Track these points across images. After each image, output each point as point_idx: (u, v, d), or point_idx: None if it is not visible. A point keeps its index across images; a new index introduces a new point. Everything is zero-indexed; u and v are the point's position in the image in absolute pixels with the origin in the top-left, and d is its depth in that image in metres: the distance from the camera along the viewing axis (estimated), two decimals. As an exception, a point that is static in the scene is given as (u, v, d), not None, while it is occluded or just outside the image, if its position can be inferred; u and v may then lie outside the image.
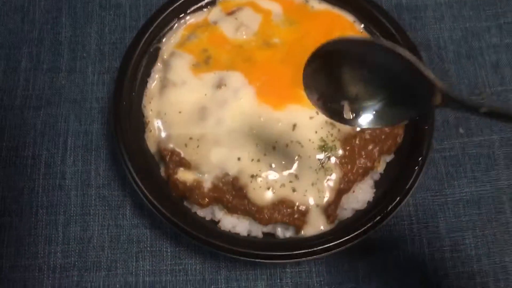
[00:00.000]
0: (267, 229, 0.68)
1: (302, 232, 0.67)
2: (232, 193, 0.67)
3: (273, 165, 0.68)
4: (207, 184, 0.68)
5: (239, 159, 0.68)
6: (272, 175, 0.68)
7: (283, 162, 0.68)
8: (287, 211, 0.66)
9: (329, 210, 0.67)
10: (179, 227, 0.65)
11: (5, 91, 0.80)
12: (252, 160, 0.68)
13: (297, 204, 0.67)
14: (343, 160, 0.69)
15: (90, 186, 0.74)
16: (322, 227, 0.67)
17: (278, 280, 0.70)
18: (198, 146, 0.69)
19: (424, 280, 0.69)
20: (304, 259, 0.64)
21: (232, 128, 0.70)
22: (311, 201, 0.67)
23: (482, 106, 0.42)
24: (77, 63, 0.82)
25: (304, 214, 0.67)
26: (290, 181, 0.68)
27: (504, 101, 0.80)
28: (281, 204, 0.67)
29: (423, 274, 0.70)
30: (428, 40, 0.84)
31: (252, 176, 0.67)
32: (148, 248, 0.71)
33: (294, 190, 0.67)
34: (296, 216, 0.66)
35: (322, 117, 0.68)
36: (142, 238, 0.71)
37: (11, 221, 0.72)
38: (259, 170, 0.67)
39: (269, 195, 0.67)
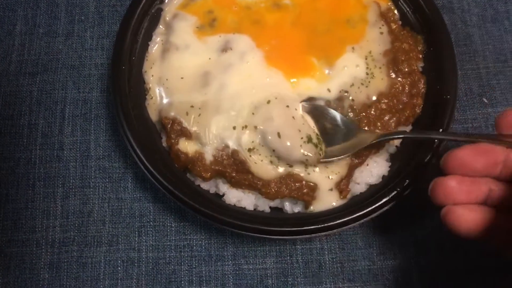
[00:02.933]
0: (275, 203, 0.64)
1: (312, 207, 0.63)
2: (234, 168, 0.63)
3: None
4: (208, 156, 0.64)
5: (234, 128, 0.64)
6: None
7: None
8: (295, 185, 0.62)
9: (341, 184, 0.63)
10: (182, 201, 0.62)
11: (-1, 56, 0.76)
12: (242, 128, 0.64)
13: (305, 178, 0.63)
14: (357, 131, 0.64)
15: (90, 157, 0.71)
16: (333, 203, 0.63)
17: (288, 257, 0.66)
18: (199, 115, 0.65)
19: (443, 259, 0.66)
20: (315, 235, 0.60)
21: (235, 93, 0.65)
22: (321, 175, 0.63)
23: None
24: (74, 26, 0.78)
25: (313, 189, 0.63)
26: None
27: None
28: (289, 178, 0.63)
29: (442, 253, 0.66)
30: (451, 3, 0.79)
31: (249, 150, 0.63)
32: (151, 223, 0.68)
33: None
34: (305, 191, 0.62)
35: (335, 92, 0.66)
36: (145, 212, 0.68)
37: (7, 193, 0.69)
38: (252, 142, 0.63)
39: (273, 169, 0.63)
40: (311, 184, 0.63)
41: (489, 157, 0.51)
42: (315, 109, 0.65)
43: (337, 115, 0.65)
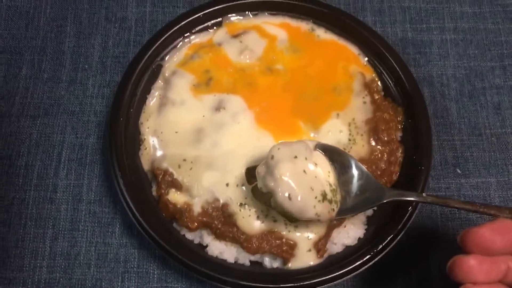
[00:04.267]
0: (255, 257, 0.67)
1: (290, 264, 0.66)
2: (221, 220, 0.67)
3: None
4: (196, 208, 0.67)
5: (227, 185, 0.67)
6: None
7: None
8: (276, 242, 0.66)
9: (319, 244, 0.66)
10: (166, 251, 0.65)
11: (3, 97, 0.79)
12: (237, 185, 0.67)
13: (285, 236, 0.66)
14: (336, 195, 0.68)
15: (81, 201, 0.73)
16: (311, 262, 0.66)
17: (264, 311, 0.69)
18: (191, 169, 0.69)
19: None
20: (291, 293, 0.63)
21: (226, 152, 0.69)
22: (301, 235, 0.66)
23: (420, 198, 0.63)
24: (78, 74, 0.82)
25: (292, 247, 0.66)
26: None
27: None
28: (270, 234, 0.66)
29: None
30: (431, 76, 0.84)
31: (241, 205, 0.66)
32: (134, 269, 0.70)
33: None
34: (284, 248, 0.66)
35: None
36: (130, 258, 0.70)
37: (-2, 231, 0.71)
38: (245, 198, 0.67)
39: (258, 225, 0.66)
40: (291, 242, 0.66)
41: (509, 236, 0.51)
42: (331, 151, 0.64)
43: (353, 161, 0.64)
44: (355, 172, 0.64)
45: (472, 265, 0.50)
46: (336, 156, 0.64)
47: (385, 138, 0.72)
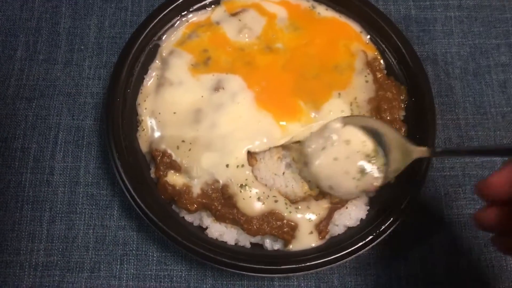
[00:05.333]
0: (255, 239, 0.66)
1: (291, 246, 0.65)
2: (221, 201, 0.66)
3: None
4: (196, 190, 0.66)
5: (227, 166, 0.66)
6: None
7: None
8: (277, 223, 0.64)
9: (321, 226, 0.65)
10: (165, 233, 0.63)
11: (-2, 79, 0.78)
12: (238, 166, 0.66)
13: (286, 218, 0.65)
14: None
15: (79, 183, 0.72)
16: (312, 244, 0.65)
17: (266, 293, 0.68)
18: (190, 150, 0.67)
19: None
20: (291, 274, 0.62)
21: (226, 133, 0.67)
22: (302, 216, 0.65)
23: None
24: (74, 55, 0.80)
25: (294, 228, 0.65)
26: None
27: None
28: (271, 216, 0.65)
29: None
30: (435, 55, 0.82)
31: (241, 186, 0.65)
32: (133, 252, 0.69)
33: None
34: (285, 229, 0.64)
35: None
36: (128, 240, 0.70)
37: (-5, 214, 0.70)
38: (246, 179, 0.65)
39: (258, 206, 0.65)
40: (292, 223, 0.65)
41: None
42: (358, 120, 0.65)
43: (378, 123, 0.64)
44: (383, 133, 0.63)
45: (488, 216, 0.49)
46: (365, 123, 0.64)
47: (388, 118, 0.71)
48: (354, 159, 0.62)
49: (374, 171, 0.62)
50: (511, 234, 0.49)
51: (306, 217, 0.65)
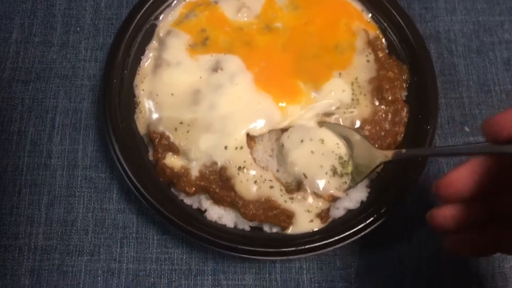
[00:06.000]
0: (254, 223, 0.65)
1: (289, 231, 0.64)
2: (219, 184, 0.65)
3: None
4: (194, 172, 0.65)
5: (226, 147, 0.65)
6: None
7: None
8: (273, 212, 0.64)
9: (322, 213, 0.64)
10: (165, 216, 0.63)
11: (-6, 62, 0.77)
12: (236, 148, 0.65)
13: (282, 207, 0.64)
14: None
15: (77, 166, 0.71)
16: (312, 229, 0.64)
17: (267, 275, 0.67)
18: (188, 131, 0.66)
19: (421, 281, 0.67)
20: (292, 257, 0.62)
21: (225, 115, 0.66)
22: (299, 207, 0.65)
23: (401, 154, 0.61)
24: (70, 37, 0.79)
25: (290, 217, 0.64)
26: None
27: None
28: (266, 203, 0.64)
29: (418, 275, 0.67)
30: (438, 32, 0.80)
31: (239, 168, 0.64)
32: (133, 235, 0.68)
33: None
34: (282, 218, 0.64)
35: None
36: (128, 223, 0.69)
37: (-8, 199, 0.69)
38: (244, 161, 0.64)
39: (255, 190, 0.64)
40: (288, 212, 0.64)
41: (480, 176, 0.47)
42: (333, 125, 0.67)
43: (349, 131, 0.66)
44: (354, 140, 0.66)
45: (444, 214, 0.48)
46: (339, 130, 0.67)
47: (390, 98, 0.69)
48: (329, 157, 0.65)
49: (343, 176, 0.65)
50: (466, 231, 0.48)
51: (303, 209, 0.65)
